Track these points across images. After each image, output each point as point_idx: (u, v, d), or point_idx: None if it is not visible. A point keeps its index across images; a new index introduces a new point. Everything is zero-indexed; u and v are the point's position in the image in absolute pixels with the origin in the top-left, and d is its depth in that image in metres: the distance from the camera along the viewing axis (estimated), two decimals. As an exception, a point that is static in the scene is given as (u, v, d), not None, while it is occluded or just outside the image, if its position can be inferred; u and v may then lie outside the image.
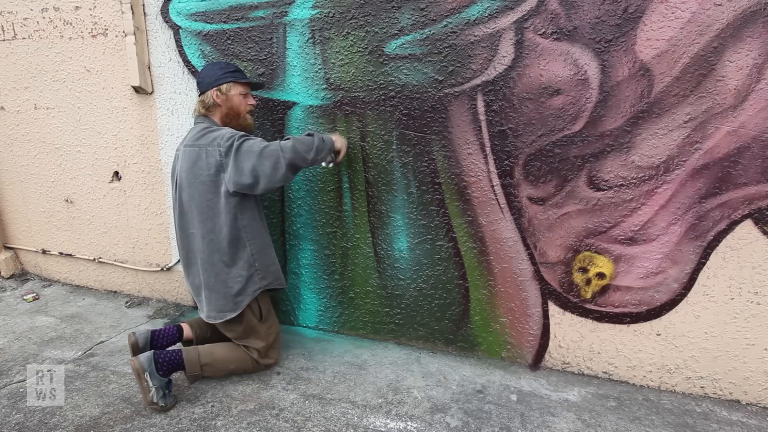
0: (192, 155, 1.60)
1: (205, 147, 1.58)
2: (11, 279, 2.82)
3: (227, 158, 1.55)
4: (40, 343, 2.04)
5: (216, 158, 1.56)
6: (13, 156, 2.64)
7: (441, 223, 1.87)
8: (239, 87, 1.69)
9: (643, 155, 1.58)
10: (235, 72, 1.69)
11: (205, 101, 1.67)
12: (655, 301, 1.69)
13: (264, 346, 1.75)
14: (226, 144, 1.55)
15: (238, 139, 1.56)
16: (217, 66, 1.69)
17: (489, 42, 1.65)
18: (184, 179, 1.63)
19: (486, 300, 1.90)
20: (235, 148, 1.54)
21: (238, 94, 1.69)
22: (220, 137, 1.57)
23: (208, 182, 1.59)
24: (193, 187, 1.61)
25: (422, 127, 1.80)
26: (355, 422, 1.54)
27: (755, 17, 1.39)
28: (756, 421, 1.58)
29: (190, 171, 1.60)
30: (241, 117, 1.73)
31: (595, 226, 1.69)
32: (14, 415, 1.54)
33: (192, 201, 1.62)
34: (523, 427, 1.53)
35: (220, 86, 1.65)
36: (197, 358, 1.66)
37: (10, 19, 2.38)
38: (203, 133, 1.62)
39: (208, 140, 1.59)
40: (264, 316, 1.77)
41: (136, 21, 2.06)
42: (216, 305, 1.66)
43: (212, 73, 1.67)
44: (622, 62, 1.53)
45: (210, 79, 1.66)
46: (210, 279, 1.65)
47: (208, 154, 1.57)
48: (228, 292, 1.65)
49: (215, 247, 1.63)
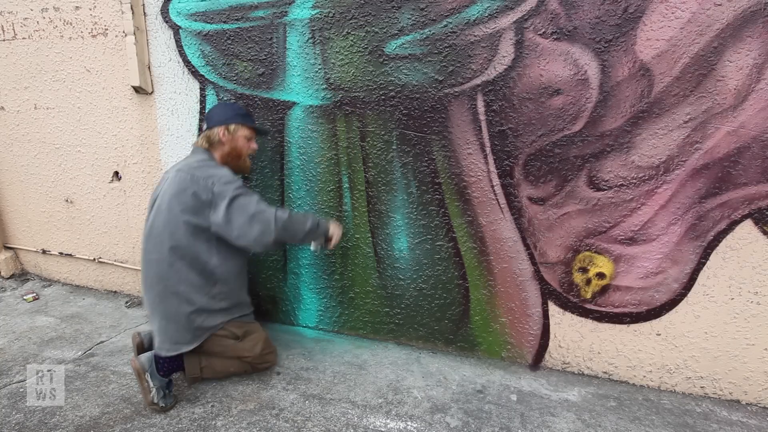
0: (183, 182, 1.54)
1: (199, 179, 1.53)
2: (11, 279, 2.82)
3: (218, 204, 1.52)
4: (40, 343, 2.04)
5: (206, 196, 1.52)
6: (13, 156, 2.64)
7: (441, 223, 1.87)
8: (246, 130, 1.71)
9: (643, 155, 1.58)
10: (245, 116, 1.72)
11: (211, 137, 1.67)
12: (655, 301, 1.69)
13: (255, 356, 1.70)
14: (222, 188, 1.52)
15: (235, 189, 1.53)
16: (230, 107, 1.72)
17: (489, 42, 1.65)
18: (165, 203, 1.56)
19: (486, 300, 1.90)
20: (230, 198, 1.51)
21: (243, 137, 1.70)
22: (218, 177, 1.54)
23: (189, 213, 1.53)
24: (172, 213, 1.54)
25: (422, 127, 1.80)
26: (355, 422, 1.54)
27: (755, 17, 1.39)
28: (756, 421, 1.58)
29: (175, 197, 1.54)
30: (241, 159, 1.73)
31: (595, 226, 1.69)
32: (14, 415, 1.54)
33: (167, 227, 1.54)
34: (523, 427, 1.53)
35: (228, 126, 1.67)
36: (197, 360, 1.66)
37: (10, 19, 2.38)
38: (201, 164, 1.58)
39: (204, 174, 1.54)
40: (241, 336, 1.70)
41: (136, 21, 2.06)
42: (172, 336, 1.57)
43: (224, 112, 1.69)
44: (622, 62, 1.53)
45: (220, 117, 1.68)
46: (170, 309, 1.56)
47: (199, 187, 1.52)
48: (188, 326, 1.57)
49: (182, 278, 1.55)
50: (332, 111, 1.90)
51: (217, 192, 1.52)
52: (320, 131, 1.94)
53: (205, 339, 1.63)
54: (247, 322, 1.77)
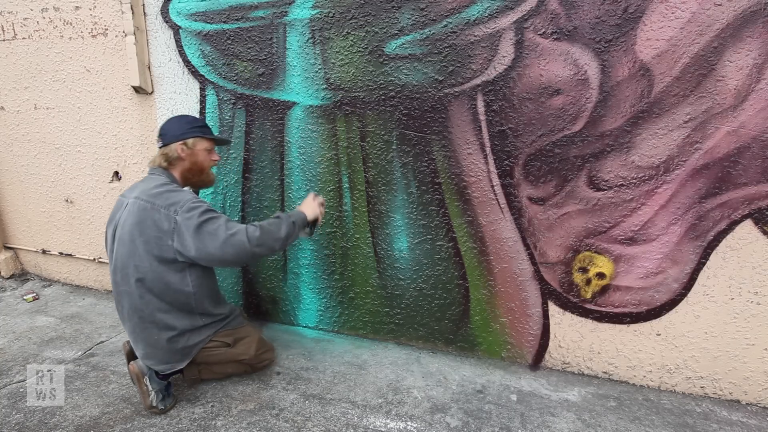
0: (142, 212, 1.45)
1: (160, 208, 1.44)
2: (11, 279, 2.82)
3: (184, 233, 1.42)
4: (40, 343, 2.04)
5: (169, 225, 1.43)
6: (13, 156, 2.64)
7: (441, 223, 1.87)
8: (205, 142, 1.62)
9: (643, 155, 1.58)
10: (202, 127, 1.63)
11: (169, 154, 1.56)
12: (655, 301, 1.69)
13: (251, 357, 1.69)
14: (185, 216, 1.42)
15: (200, 215, 1.43)
16: (184, 120, 1.62)
17: (489, 42, 1.65)
18: (126, 233, 1.47)
19: (486, 300, 1.90)
20: (196, 226, 1.41)
21: (203, 150, 1.61)
22: (180, 204, 1.44)
23: (153, 243, 1.44)
24: (135, 244, 1.45)
25: (422, 127, 1.80)
26: (355, 422, 1.54)
27: (755, 17, 1.39)
28: (756, 421, 1.58)
29: (135, 227, 1.45)
30: (204, 173, 1.65)
31: (595, 226, 1.69)
32: (14, 415, 1.54)
33: (131, 259, 1.46)
34: (523, 427, 1.53)
35: (186, 140, 1.57)
36: (195, 366, 1.65)
37: (10, 19, 2.38)
38: (161, 190, 1.48)
39: (164, 201, 1.45)
40: (232, 343, 1.67)
41: (136, 21, 2.06)
42: (162, 359, 1.54)
43: (178, 126, 1.59)
44: (622, 62, 1.53)
45: (176, 132, 1.57)
46: (151, 338, 1.52)
47: (160, 216, 1.43)
48: (174, 348, 1.54)
49: (156, 308, 1.50)
50: (332, 111, 1.90)
51: (180, 221, 1.42)
52: (320, 131, 1.94)
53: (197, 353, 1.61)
54: (236, 328, 1.72)
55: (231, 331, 1.71)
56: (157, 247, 1.45)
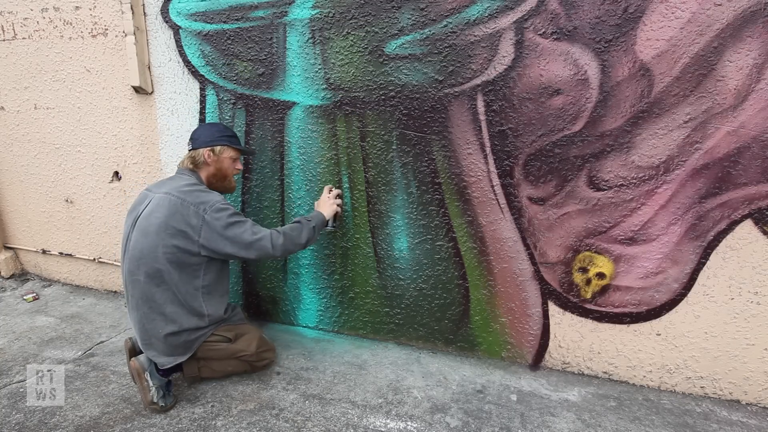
0: (172, 206, 1.52)
1: (190, 204, 1.52)
2: (11, 279, 2.82)
3: (211, 230, 1.52)
4: (40, 343, 2.04)
5: (198, 221, 1.51)
6: (13, 156, 2.64)
7: (441, 223, 1.87)
8: (231, 151, 1.71)
9: (643, 155, 1.58)
10: (231, 137, 1.73)
11: (196, 158, 1.67)
12: (655, 301, 1.69)
13: (251, 354, 1.70)
14: (215, 215, 1.52)
15: (228, 216, 1.53)
16: (215, 128, 1.72)
17: (489, 42, 1.65)
18: (153, 225, 1.52)
19: (486, 300, 1.90)
20: (223, 226, 1.52)
21: (228, 158, 1.71)
22: (209, 204, 1.53)
23: (178, 237, 1.51)
24: (159, 236, 1.51)
25: (422, 127, 1.80)
26: (355, 422, 1.54)
27: (755, 17, 1.39)
28: (756, 421, 1.58)
29: (165, 220, 1.51)
30: (227, 179, 1.74)
31: (595, 226, 1.69)
32: (14, 415, 1.54)
33: (155, 250, 1.51)
34: (523, 427, 1.53)
35: (214, 147, 1.67)
36: (195, 361, 1.66)
37: (10, 19, 2.38)
38: (191, 189, 1.57)
39: (195, 199, 1.53)
40: (233, 339, 1.70)
41: (136, 21, 2.06)
42: (164, 351, 1.57)
43: (209, 133, 1.69)
44: (622, 62, 1.53)
45: (206, 138, 1.68)
46: (157, 329, 1.56)
47: (189, 212, 1.51)
48: (177, 342, 1.58)
49: (168, 299, 1.55)
50: (332, 111, 1.90)
51: (209, 219, 1.51)
52: (320, 131, 1.94)
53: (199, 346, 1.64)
54: (237, 324, 1.77)
55: (232, 326, 1.73)
56: (183, 240, 1.52)
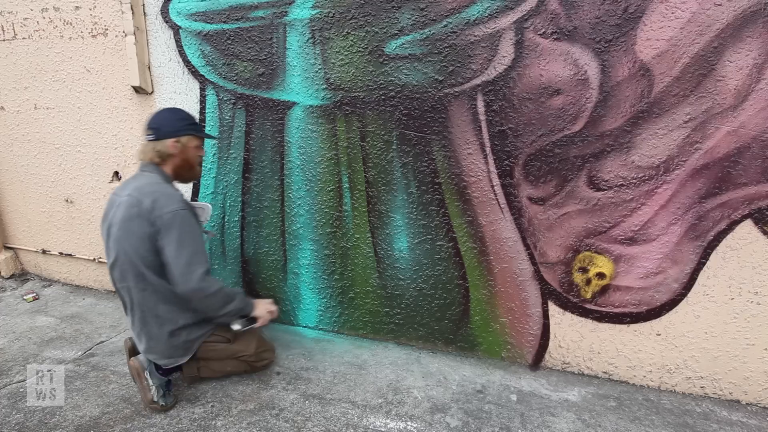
0: (131, 209, 1.46)
1: (151, 209, 1.45)
2: (11, 279, 2.82)
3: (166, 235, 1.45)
4: (40, 343, 2.04)
5: (157, 226, 1.45)
6: (13, 156, 2.64)
7: (441, 223, 1.87)
8: (196, 140, 1.62)
9: (643, 155, 1.58)
10: (194, 124, 1.63)
11: (162, 150, 1.54)
12: (655, 301, 1.69)
13: (250, 354, 1.71)
14: (166, 217, 1.44)
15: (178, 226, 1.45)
16: (177, 115, 1.59)
17: (489, 42, 1.65)
18: (121, 231, 1.48)
19: (486, 300, 1.90)
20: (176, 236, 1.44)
21: (193, 147, 1.62)
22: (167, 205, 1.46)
23: (147, 240, 1.46)
24: (128, 242, 1.47)
25: (422, 127, 1.80)
26: (355, 422, 1.54)
27: (755, 17, 1.39)
28: (756, 421, 1.58)
29: (127, 224, 1.46)
30: (193, 169, 1.65)
31: (595, 226, 1.69)
32: (14, 415, 1.54)
33: (128, 255, 1.48)
34: (523, 427, 1.53)
35: (180, 137, 1.56)
36: (194, 362, 1.66)
37: (10, 19, 2.38)
38: (152, 189, 1.49)
39: (154, 204, 1.45)
40: (232, 338, 1.69)
41: (136, 21, 2.06)
42: (164, 353, 1.56)
43: (172, 121, 1.57)
44: (622, 62, 1.53)
45: (170, 127, 1.55)
46: (153, 331, 1.54)
47: (151, 217, 1.45)
48: (176, 342, 1.56)
49: (158, 300, 1.52)
50: (332, 111, 1.90)
51: (161, 225, 1.45)
52: (320, 131, 1.94)
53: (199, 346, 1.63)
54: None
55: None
56: (150, 242, 1.47)
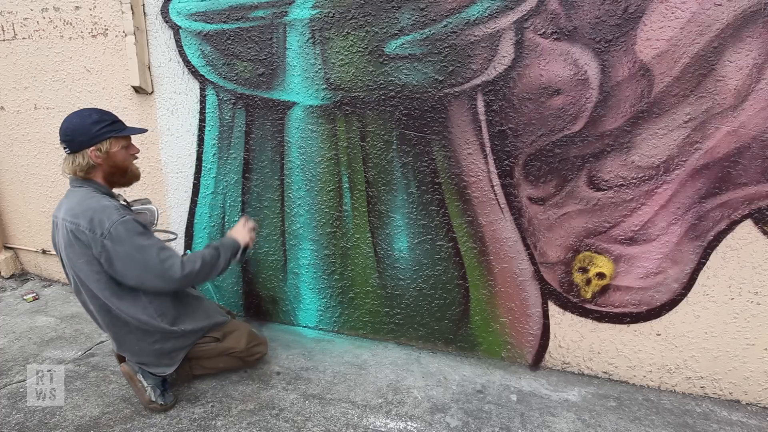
0: (70, 234, 1.33)
1: (85, 230, 1.31)
2: (11, 279, 2.82)
3: (113, 257, 1.32)
4: (40, 343, 2.04)
5: (96, 249, 1.32)
6: (13, 156, 2.64)
7: (441, 223, 1.87)
8: (120, 140, 1.40)
9: (643, 155, 1.58)
10: (112, 123, 1.38)
11: (83, 164, 1.35)
12: (655, 301, 1.69)
13: (242, 350, 1.70)
14: (109, 237, 1.30)
15: (132, 238, 1.31)
16: (89, 118, 1.34)
17: (489, 42, 1.65)
18: (66, 257, 1.38)
19: (486, 300, 1.90)
20: (126, 253, 1.31)
21: (120, 149, 1.40)
22: (103, 223, 1.30)
23: (94, 262, 1.34)
24: (77, 267, 1.37)
25: (422, 127, 1.80)
26: (355, 422, 1.54)
27: (755, 17, 1.39)
28: (756, 421, 1.58)
29: (70, 251, 1.35)
30: (127, 173, 1.47)
31: (595, 226, 1.69)
32: (14, 415, 1.54)
33: (82, 280, 1.39)
34: (523, 427, 1.53)
35: (99, 145, 1.35)
36: (186, 362, 1.65)
37: (10, 19, 2.38)
38: (83, 208, 1.33)
39: (89, 224, 1.31)
40: (222, 337, 1.68)
41: (136, 21, 2.06)
42: (151, 364, 1.53)
43: (84, 127, 1.33)
44: (622, 62, 1.53)
45: (84, 136, 1.32)
46: (134, 346, 1.50)
47: (87, 238, 1.31)
48: (160, 354, 1.52)
49: (129, 318, 1.44)
50: (332, 111, 1.90)
51: (108, 245, 1.31)
52: (320, 131, 1.94)
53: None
54: (225, 325, 1.71)
55: (219, 329, 1.70)
56: (98, 264, 1.34)
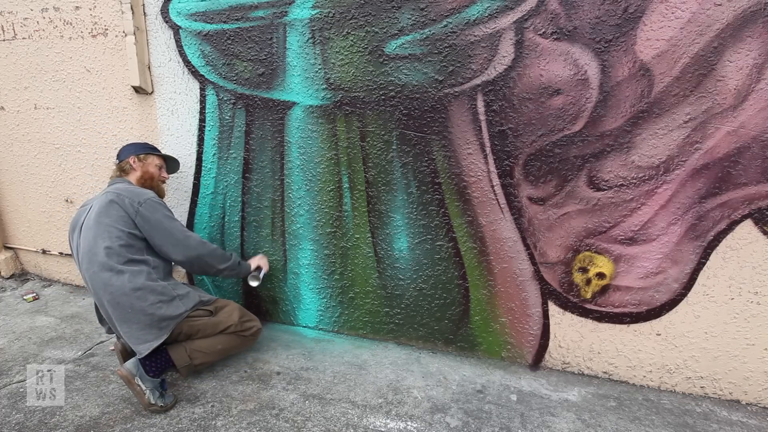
0: (109, 202, 1.64)
1: (125, 197, 1.65)
2: (11, 279, 2.82)
3: (145, 222, 1.64)
4: (40, 343, 2.04)
5: (133, 210, 1.64)
6: (13, 156, 2.64)
7: (441, 223, 1.87)
8: (156, 159, 1.90)
9: (643, 155, 1.58)
10: (153, 148, 1.93)
11: (124, 167, 1.83)
12: (655, 301, 1.69)
13: (235, 324, 1.75)
14: (145, 205, 1.65)
15: (160, 209, 1.68)
16: (140, 144, 1.90)
17: (489, 42, 1.65)
18: (93, 218, 1.62)
19: (486, 300, 1.90)
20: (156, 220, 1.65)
21: (154, 164, 1.88)
22: (141, 195, 1.68)
23: (120, 223, 1.61)
24: (101, 227, 1.59)
25: (422, 127, 1.80)
26: (355, 422, 1.54)
27: (755, 17, 1.39)
28: (756, 421, 1.58)
29: (103, 211, 1.62)
30: (155, 181, 1.88)
31: (595, 226, 1.69)
32: (14, 415, 1.54)
33: (97, 236, 1.58)
34: (523, 427, 1.53)
35: (138, 155, 1.84)
36: (182, 348, 1.65)
37: (10, 19, 2.38)
38: (124, 187, 1.72)
39: (128, 192, 1.68)
40: (214, 312, 1.75)
41: (136, 21, 2.06)
42: (139, 337, 1.56)
43: (132, 146, 1.88)
44: (622, 62, 1.53)
45: (130, 151, 1.86)
46: (126, 312, 1.56)
47: (125, 204, 1.63)
48: (150, 320, 1.57)
49: (127, 279, 1.56)
50: (332, 111, 1.90)
51: (143, 211, 1.64)
52: (320, 131, 1.94)
53: (179, 326, 1.62)
54: (215, 301, 1.79)
55: (210, 304, 1.76)
56: (124, 223, 1.62)
